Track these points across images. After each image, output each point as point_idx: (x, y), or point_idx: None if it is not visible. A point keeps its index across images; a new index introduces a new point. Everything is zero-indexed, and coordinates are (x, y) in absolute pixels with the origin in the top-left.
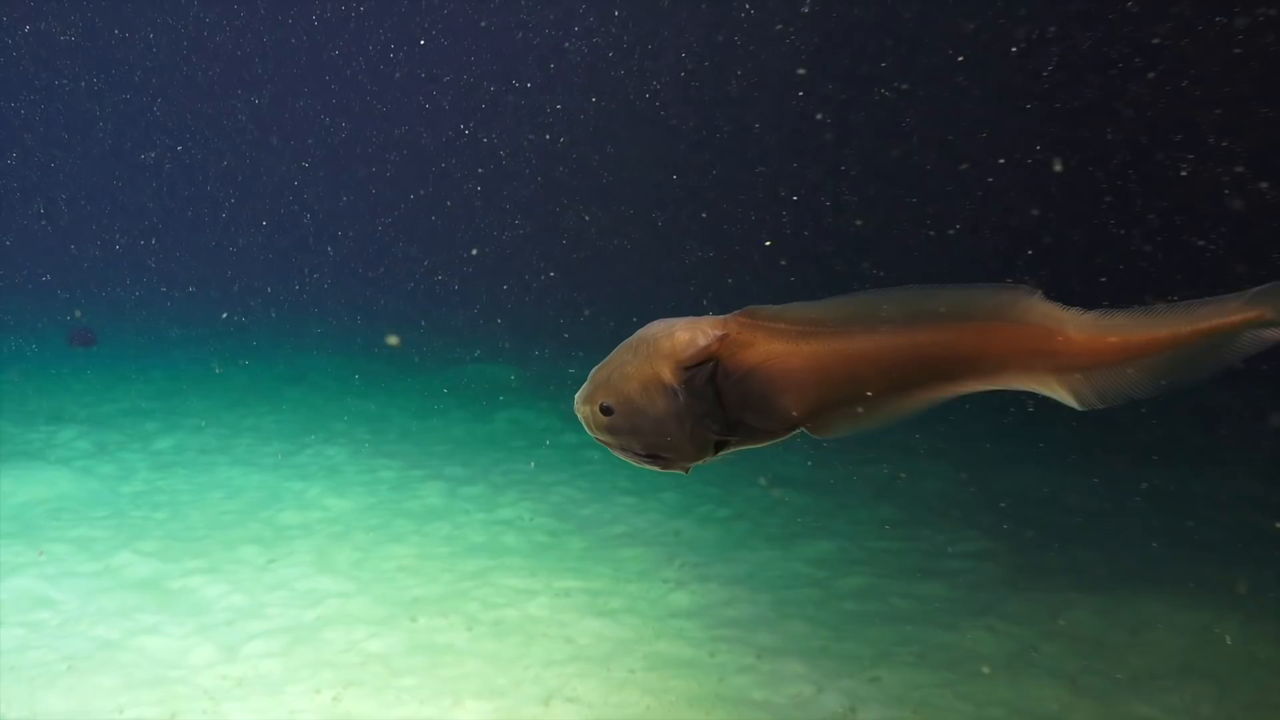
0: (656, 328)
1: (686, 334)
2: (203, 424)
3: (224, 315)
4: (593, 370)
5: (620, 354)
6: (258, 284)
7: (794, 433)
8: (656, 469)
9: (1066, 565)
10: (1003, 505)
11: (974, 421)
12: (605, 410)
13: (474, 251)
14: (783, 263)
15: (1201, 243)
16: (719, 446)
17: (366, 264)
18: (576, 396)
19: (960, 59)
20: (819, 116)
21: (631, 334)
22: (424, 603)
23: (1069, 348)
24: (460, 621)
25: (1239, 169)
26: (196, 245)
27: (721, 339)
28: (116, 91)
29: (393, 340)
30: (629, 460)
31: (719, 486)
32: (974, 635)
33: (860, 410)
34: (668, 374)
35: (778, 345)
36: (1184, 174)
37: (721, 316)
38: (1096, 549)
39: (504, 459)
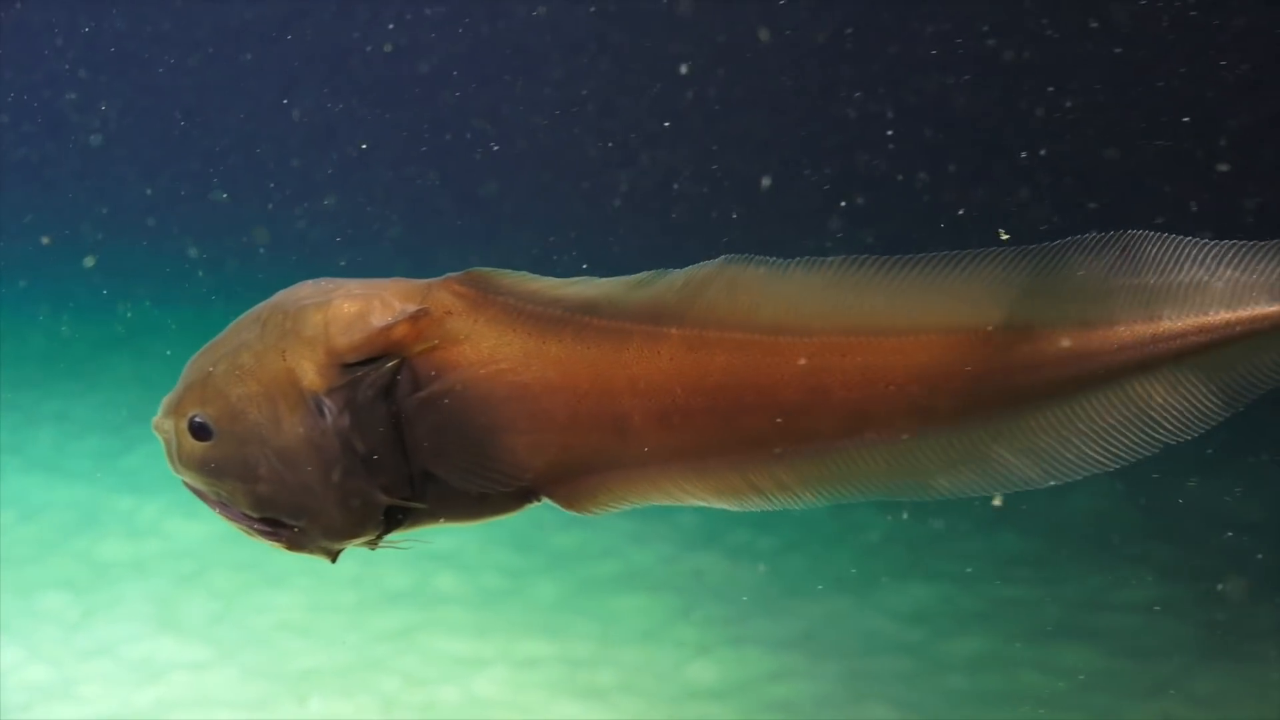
0: (305, 290)
1: (354, 304)
2: None
3: (45, 240)
4: (193, 356)
5: (240, 330)
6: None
7: (527, 504)
8: (280, 547)
9: None
10: (1185, 531)
11: None
12: (197, 429)
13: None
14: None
15: None
16: (393, 517)
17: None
18: (164, 401)
19: None
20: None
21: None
22: (318, 677)
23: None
24: (373, 704)
25: None
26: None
27: (415, 319)
28: None
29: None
30: (233, 524)
31: None
32: None
33: (637, 475)
34: (311, 374)
35: (510, 343)
36: None
37: (423, 281)
38: None
39: None
